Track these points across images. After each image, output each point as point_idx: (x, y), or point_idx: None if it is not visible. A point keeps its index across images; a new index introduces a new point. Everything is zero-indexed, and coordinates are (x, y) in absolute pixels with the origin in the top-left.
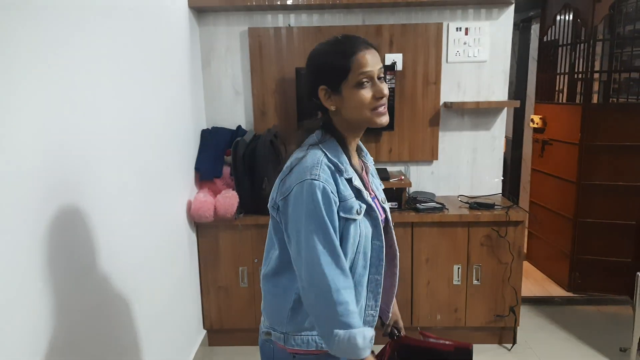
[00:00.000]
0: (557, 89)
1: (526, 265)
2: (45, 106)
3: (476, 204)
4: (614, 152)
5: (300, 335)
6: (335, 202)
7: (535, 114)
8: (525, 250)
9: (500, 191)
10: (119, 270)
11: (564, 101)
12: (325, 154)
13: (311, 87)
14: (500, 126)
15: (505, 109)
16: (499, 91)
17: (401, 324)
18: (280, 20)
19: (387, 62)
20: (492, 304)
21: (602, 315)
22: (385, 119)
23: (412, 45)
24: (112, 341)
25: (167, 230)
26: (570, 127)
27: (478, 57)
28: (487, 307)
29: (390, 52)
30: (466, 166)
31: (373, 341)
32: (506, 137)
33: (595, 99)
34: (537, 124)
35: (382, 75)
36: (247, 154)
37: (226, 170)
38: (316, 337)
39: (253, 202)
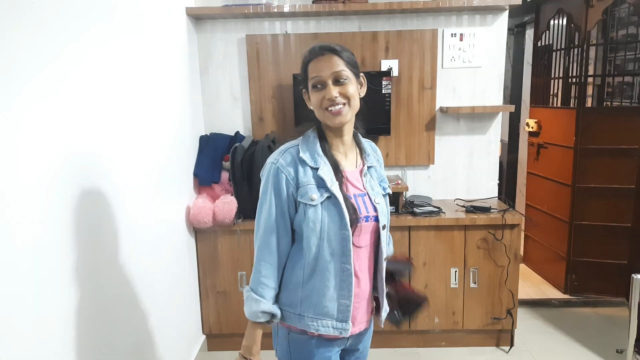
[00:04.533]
0: (551, 93)
1: (523, 267)
2: (45, 113)
3: (472, 208)
4: (608, 155)
5: (291, 312)
6: (287, 186)
7: (530, 117)
8: (522, 253)
9: (497, 194)
10: (118, 275)
11: (559, 105)
12: (298, 145)
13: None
14: (496, 130)
15: (501, 113)
16: (494, 96)
17: None
18: (277, 27)
19: (384, 68)
20: (490, 307)
21: (599, 317)
22: (337, 120)
23: (408, 51)
24: (111, 346)
25: (166, 236)
26: (565, 130)
27: (473, 62)
28: (485, 309)
29: (386, 58)
30: (462, 170)
31: (270, 318)
32: (502, 140)
33: (589, 103)
34: (532, 127)
35: (342, 78)
36: (245, 159)
37: (224, 175)
38: (306, 317)
39: (251, 207)
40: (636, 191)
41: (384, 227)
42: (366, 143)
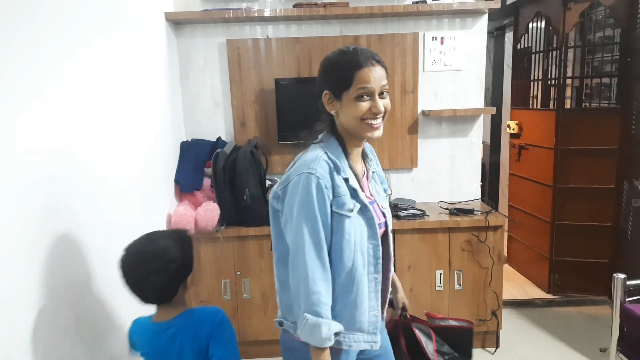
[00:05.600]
0: (531, 94)
1: (507, 268)
2: (17, 119)
3: (456, 210)
4: (588, 155)
5: None
6: (328, 197)
7: (511, 119)
8: (505, 254)
9: (479, 196)
10: (95, 286)
11: (539, 107)
12: (326, 152)
13: (319, 89)
14: (478, 132)
15: (482, 115)
16: (475, 98)
17: (407, 304)
18: (259, 31)
19: None
20: (475, 309)
21: (582, 316)
22: (376, 134)
23: (390, 55)
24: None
25: None
26: (545, 132)
27: (454, 65)
28: (470, 311)
29: None
30: (445, 173)
31: (337, 337)
32: (484, 142)
33: (568, 104)
34: (513, 129)
35: (385, 91)
36: (227, 165)
37: (206, 182)
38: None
39: (234, 214)
40: (615, 191)
41: (392, 232)
42: (367, 147)
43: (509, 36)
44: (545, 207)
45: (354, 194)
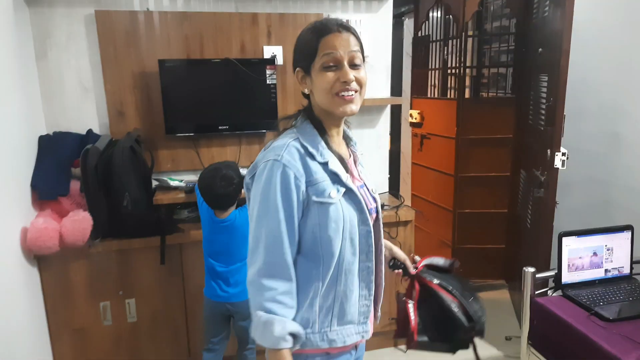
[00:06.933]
0: (431, 84)
1: None
2: None
3: None
4: (486, 144)
5: (309, 333)
6: (296, 186)
7: (412, 108)
8: None
9: (387, 189)
10: None
11: (438, 96)
12: (298, 138)
13: (294, 68)
14: (385, 123)
15: (389, 105)
16: (381, 87)
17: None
18: (136, 3)
19: (267, 55)
20: (387, 307)
21: (483, 302)
22: (348, 108)
23: (292, 37)
24: None
25: None
26: (447, 121)
27: None
28: (382, 310)
29: (269, 44)
30: None
31: (297, 341)
32: None
33: (467, 94)
34: (415, 118)
35: (357, 62)
36: (101, 164)
37: (75, 185)
38: (312, 334)
39: (112, 223)
40: (511, 178)
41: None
42: (349, 131)
43: (407, 24)
44: (447, 196)
45: (334, 178)
